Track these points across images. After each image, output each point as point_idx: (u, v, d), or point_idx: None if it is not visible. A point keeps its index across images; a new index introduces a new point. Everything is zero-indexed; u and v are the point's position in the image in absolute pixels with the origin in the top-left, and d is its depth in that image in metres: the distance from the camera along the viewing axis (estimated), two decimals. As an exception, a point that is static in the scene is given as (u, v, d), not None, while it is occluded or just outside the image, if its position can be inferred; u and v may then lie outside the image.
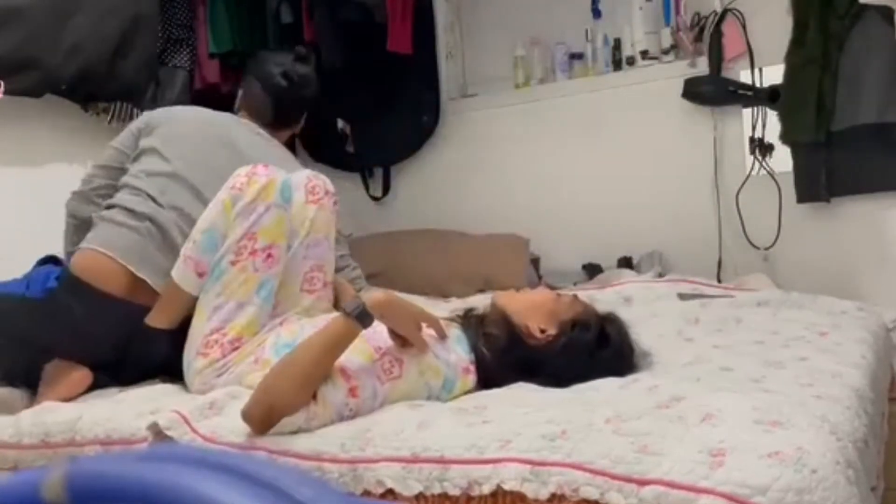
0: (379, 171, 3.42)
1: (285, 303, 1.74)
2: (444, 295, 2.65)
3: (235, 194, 1.68)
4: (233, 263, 1.66)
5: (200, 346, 1.65)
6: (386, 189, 3.41)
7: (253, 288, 1.66)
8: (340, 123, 3.40)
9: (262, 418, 1.31)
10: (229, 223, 1.67)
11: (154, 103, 2.69)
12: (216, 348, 1.64)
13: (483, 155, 3.22)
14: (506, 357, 1.51)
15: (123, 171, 1.96)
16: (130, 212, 1.85)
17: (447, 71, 3.30)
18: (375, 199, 3.42)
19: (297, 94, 2.17)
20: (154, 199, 1.87)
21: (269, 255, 1.67)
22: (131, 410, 1.52)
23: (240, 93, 2.21)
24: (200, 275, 1.69)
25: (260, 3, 3.12)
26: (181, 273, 1.71)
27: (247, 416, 1.32)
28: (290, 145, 3.45)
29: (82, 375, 1.79)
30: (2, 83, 2.34)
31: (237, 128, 2.07)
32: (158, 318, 1.76)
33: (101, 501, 0.46)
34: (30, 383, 1.84)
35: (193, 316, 1.70)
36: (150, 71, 2.74)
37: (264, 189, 1.68)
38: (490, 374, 1.50)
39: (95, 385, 1.80)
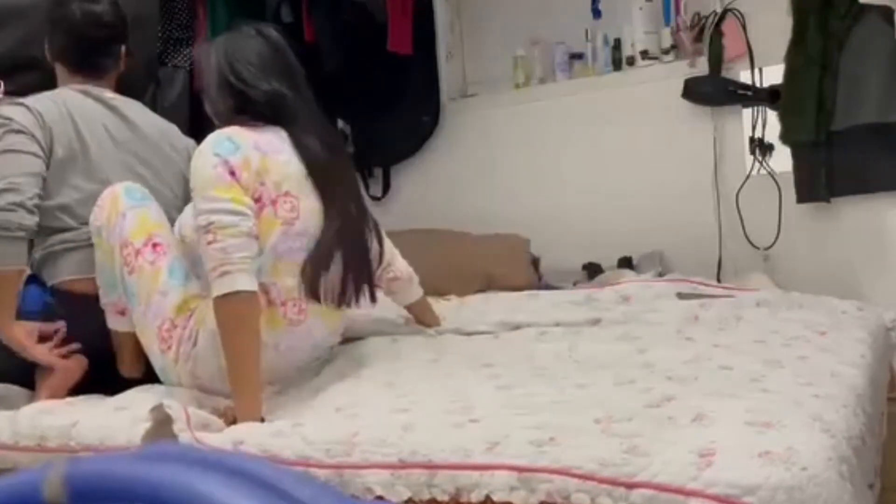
0: (379, 171, 3.42)
1: None
2: (443, 295, 2.64)
3: (97, 228, 1.77)
4: (130, 273, 1.72)
5: (160, 344, 1.68)
6: (386, 189, 3.41)
7: (162, 277, 1.70)
8: (340, 123, 3.40)
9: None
10: (108, 252, 1.75)
11: (154, 103, 2.69)
12: (173, 332, 1.67)
13: (483, 155, 3.22)
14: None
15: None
16: (79, 240, 1.88)
17: (447, 71, 3.30)
18: (375, 199, 3.42)
19: (93, 32, 2.03)
20: (82, 224, 1.90)
21: (154, 245, 1.73)
22: (128, 417, 1.52)
23: (46, 46, 2.09)
24: (122, 313, 1.78)
25: (260, 3, 3.13)
26: (111, 321, 1.81)
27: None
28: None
29: (77, 364, 1.83)
30: (2, 83, 2.34)
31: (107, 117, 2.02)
32: (126, 369, 1.83)
33: (101, 501, 0.46)
34: (27, 386, 1.87)
35: (138, 335, 1.75)
36: (150, 71, 2.74)
37: (112, 204, 1.75)
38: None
39: (92, 375, 1.83)
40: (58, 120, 1.91)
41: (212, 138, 1.63)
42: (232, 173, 1.57)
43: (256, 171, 1.60)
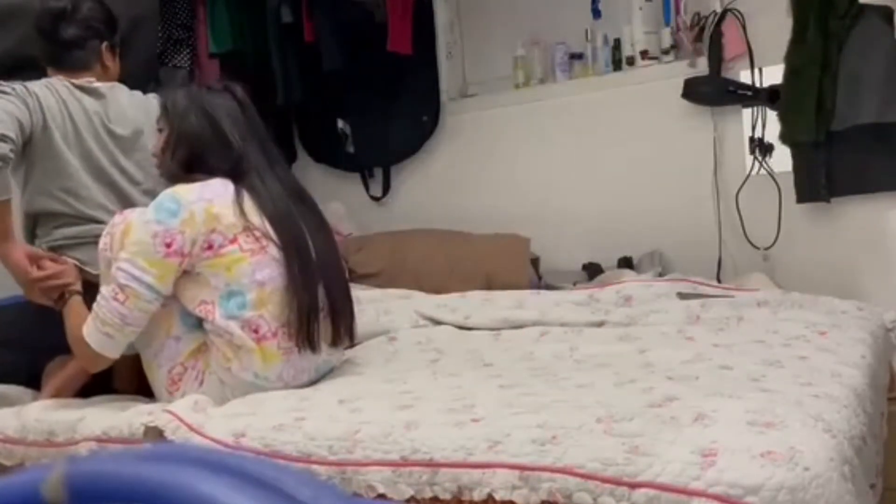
0: (379, 171, 3.42)
1: None
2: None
3: (105, 258, 1.70)
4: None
5: (169, 386, 1.68)
6: (386, 189, 3.41)
7: (175, 321, 1.68)
8: (340, 123, 3.40)
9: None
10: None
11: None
12: (183, 375, 1.67)
13: (483, 155, 3.22)
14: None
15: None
16: (87, 236, 1.87)
17: (447, 71, 3.30)
18: (375, 199, 3.42)
19: (55, 27, 2.02)
20: (90, 216, 1.90)
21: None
22: (134, 412, 1.53)
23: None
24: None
25: (260, 3, 3.12)
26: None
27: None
28: (290, 146, 3.47)
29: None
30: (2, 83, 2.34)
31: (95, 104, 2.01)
32: (122, 385, 1.84)
33: (101, 501, 0.46)
34: (32, 386, 1.87)
35: (145, 371, 1.73)
36: (150, 71, 2.74)
37: (123, 235, 1.67)
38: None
39: (100, 378, 1.82)
40: (53, 105, 1.92)
41: (157, 200, 1.65)
42: (168, 244, 1.58)
43: (203, 220, 1.61)
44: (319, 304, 1.69)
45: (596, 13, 3.06)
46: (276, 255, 1.65)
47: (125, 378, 1.83)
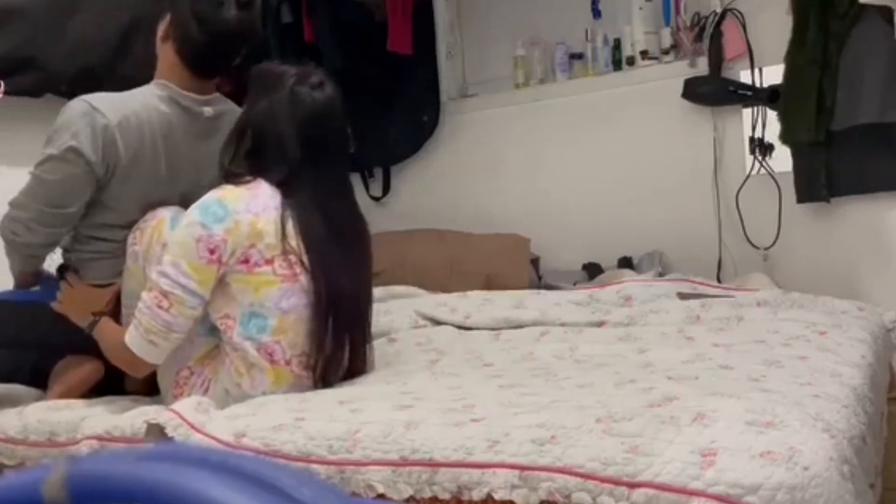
0: (379, 171, 3.42)
1: None
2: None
3: (133, 252, 1.71)
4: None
5: (174, 389, 1.67)
6: (386, 189, 3.41)
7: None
8: (340, 123, 3.40)
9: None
10: (142, 283, 1.64)
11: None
12: (189, 379, 1.67)
13: (483, 155, 3.22)
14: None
15: None
16: (117, 252, 1.82)
17: (447, 71, 3.30)
18: (375, 199, 3.42)
19: (232, 44, 1.90)
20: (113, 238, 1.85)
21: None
22: (137, 412, 1.53)
23: (168, 23, 1.92)
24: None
25: (260, 3, 3.12)
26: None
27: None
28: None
29: (93, 367, 1.82)
30: (2, 83, 2.34)
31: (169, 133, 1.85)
32: (132, 387, 1.83)
33: (102, 501, 0.46)
34: (36, 385, 1.87)
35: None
36: (150, 71, 2.74)
37: (155, 231, 1.69)
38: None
39: (108, 379, 1.82)
40: (135, 143, 1.78)
41: (203, 202, 1.60)
42: (212, 251, 1.55)
43: (247, 234, 1.57)
44: (343, 345, 1.67)
45: (596, 13, 3.06)
46: (305, 285, 1.62)
47: (136, 380, 1.83)
